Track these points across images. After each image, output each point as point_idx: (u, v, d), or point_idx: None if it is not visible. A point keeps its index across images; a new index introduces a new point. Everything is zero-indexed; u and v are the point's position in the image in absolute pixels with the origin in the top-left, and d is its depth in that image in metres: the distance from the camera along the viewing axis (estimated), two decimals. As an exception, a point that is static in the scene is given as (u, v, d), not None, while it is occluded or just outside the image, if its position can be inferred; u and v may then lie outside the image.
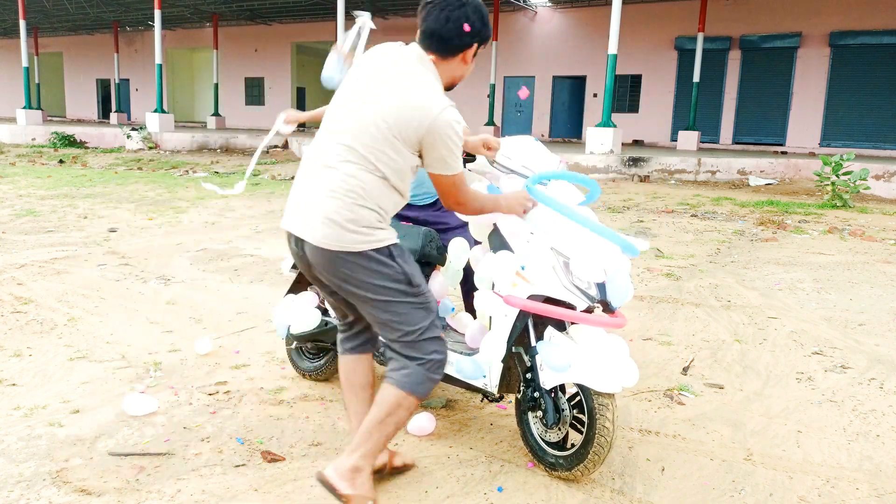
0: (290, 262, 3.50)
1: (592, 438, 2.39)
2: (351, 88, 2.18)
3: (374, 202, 2.08)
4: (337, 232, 2.05)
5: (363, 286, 2.12)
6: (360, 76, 2.17)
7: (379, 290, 2.12)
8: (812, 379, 3.62)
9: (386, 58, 2.16)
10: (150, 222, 7.93)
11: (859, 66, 18.67)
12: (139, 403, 3.00)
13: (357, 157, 2.07)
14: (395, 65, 2.13)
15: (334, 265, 2.10)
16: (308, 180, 2.15)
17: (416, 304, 2.18)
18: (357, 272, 2.10)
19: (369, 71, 2.16)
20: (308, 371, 3.42)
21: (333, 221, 2.05)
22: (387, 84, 2.10)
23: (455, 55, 2.16)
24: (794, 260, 6.57)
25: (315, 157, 2.17)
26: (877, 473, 2.67)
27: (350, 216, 2.05)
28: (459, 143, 2.10)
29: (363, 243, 2.08)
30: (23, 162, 15.89)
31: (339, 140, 2.11)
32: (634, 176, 14.09)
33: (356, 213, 2.06)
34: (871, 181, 11.51)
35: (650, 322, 4.53)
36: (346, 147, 2.09)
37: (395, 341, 2.22)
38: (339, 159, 2.09)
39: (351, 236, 2.06)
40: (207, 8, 26.49)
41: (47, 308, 4.48)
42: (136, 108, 32.51)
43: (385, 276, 2.12)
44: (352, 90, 2.17)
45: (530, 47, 23.80)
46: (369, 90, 2.12)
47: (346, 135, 2.10)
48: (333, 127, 2.16)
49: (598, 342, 2.43)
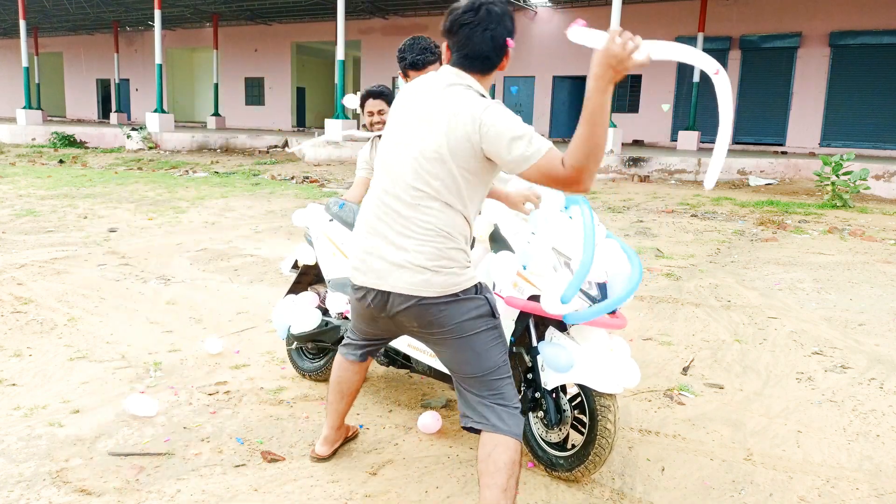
0: (290, 262, 3.50)
1: (594, 440, 2.39)
2: (401, 128, 2.05)
3: (459, 240, 1.99)
4: (428, 277, 1.96)
5: (452, 326, 2.02)
6: (406, 115, 2.05)
7: (466, 325, 2.02)
8: (812, 379, 3.62)
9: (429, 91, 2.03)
10: (150, 222, 7.93)
11: (859, 66, 18.66)
12: (140, 404, 2.99)
13: (430, 196, 1.95)
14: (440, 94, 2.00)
15: (425, 312, 2.00)
16: (381, 227, 2.02)
17: (497, 337, 2.08)
18: (448, 313, 2.00)
19: (415, 108, 2.04)
20: (308, 371, 3.42)
21: (424, 268, 1.95)
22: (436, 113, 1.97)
23: (495, 69, 2.06)
24: (794, 260, 6.56)
25: (382, 203, 2.04)
26: (877, 473, 2.67)
27: (441, 260, 1.96)
28: (521, 122, 1.91)
29: (456, 285, 1.99)
30: (23, 162, 15.89)
31: (405, 182, 1.98)
32: (634, 176, 14.08)
33: (446, 255, 1.96)
34: (871, 181, 11.51)
35: (650, 322, 4.53)
36: (415, 188, 1.97)
37: (475, 382, 2.07)
38: (412, 201, 1.97)
39: (443, 279, 1.96)
40: (207, 8, 26.48)
41: (47, 308, 4.48)
42: (136, 108, 32.50)
43: (473, 310, 2.03)
44: (402, 130, 2.04)
45: (530, 47, 23.79)
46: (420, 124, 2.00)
47: (411, 175, 1.98)
48: (396, 170, 2.02)
49: (600, 343, 2.43)
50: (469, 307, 2.02)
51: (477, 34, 1.96)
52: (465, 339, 2.03)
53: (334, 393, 2.56)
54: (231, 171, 14.58)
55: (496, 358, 2.06)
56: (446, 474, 2.57)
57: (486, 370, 2.04)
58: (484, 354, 2.04)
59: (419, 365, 2.92)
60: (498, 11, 1.98)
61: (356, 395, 2.59)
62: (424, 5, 24.27)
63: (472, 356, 2.04)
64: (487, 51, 1.97)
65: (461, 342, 2.03)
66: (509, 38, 1.99)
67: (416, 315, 2.02)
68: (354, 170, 15.82)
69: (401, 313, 2.04)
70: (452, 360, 2.09)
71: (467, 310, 2.02)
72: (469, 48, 1.98)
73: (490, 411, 2.04)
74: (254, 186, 11.84)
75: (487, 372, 2.04)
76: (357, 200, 3.28)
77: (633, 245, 7.00)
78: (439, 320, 2.01)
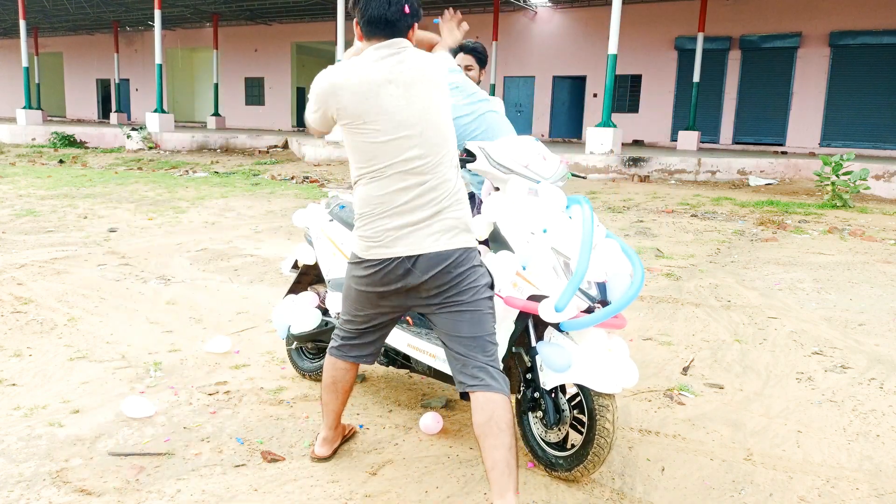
0: (290, 262, 3.50)
1: (593, 439, 2.39)
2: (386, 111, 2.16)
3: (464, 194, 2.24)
4: (458, 236, 2.19)
5: (468, 289, 2.20)
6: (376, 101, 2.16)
7: (479, 290, 2.22)
8: (812, 379, 3.62)
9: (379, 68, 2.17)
10: (150, 222, 7.93)
11: (859, 66, 18.66)
12: (137, 406, 2.99)
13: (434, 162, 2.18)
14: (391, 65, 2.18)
15: (451, 270, 2.18)
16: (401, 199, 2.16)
17: (492, 306, 2.29)
18: (468, 274, 2.21)
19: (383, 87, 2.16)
20: (308, 371, 3.42)
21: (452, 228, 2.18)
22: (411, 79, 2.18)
23: (404, 36, 2.23)
24: (794, 260, 6.57)
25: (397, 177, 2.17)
26: (877, 473, 2.67)
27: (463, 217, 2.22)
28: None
29: (472, 242, 2.24)
30: (23, 162, 15.89)
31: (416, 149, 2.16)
32: (634, 176, 14.08)
33: (465, 212, 2.23)
34: (871, 181, 11.50)
35: (650, 322, 4.53)
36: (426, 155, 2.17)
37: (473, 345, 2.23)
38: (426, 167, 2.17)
39: (465, 236, 2.22)
40: (207, 8, 26.48)
41: (47, 308, 4.48)
42: (136, 108, 32.51)
43: (482, 277, 2.26)
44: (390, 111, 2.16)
45: (530, 47, 23.79)
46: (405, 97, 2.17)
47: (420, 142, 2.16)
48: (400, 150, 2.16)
49: (598, 343, 2.43)
50: (480, 272, 2.25)
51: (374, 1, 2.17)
52: (472, 305, 2.22)
53: (329, 393, 2.58)
54: (231, 171, 14.59)
55: (492, 323, 2.27)
56: (446, 474, 2.57)
57: (485, 334, 2.24)
58: (484, 319, 2.24)
59: (419, 365, 2.92)
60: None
61: (350, 393, 2.62)
62: (424, 5, 24.01)
63: (476, 320, 2.22)
64: (385, 13, 2.16)
65: (469, 307, 2.22)
66: (406, 5, 2.18)
67: (440, 278, 2.18)
68: (354, 170, 15.63)
69: (424, 280, 2.19)
70: (457, 323, 2.24)
71: (480, 275, 2.24)
72: (369, 13, 2.17)
73: (484, 372, 2.21)
74: (254, 186, 11.84)
75: (485, 335, 2.24)
76: None
77: (633, 245, 7.01)
78: (458, 283, 2.19)
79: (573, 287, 2.29)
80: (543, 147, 2.69)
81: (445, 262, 2.16)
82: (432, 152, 2.17)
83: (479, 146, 2.64)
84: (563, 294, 2.29)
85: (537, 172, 2.58)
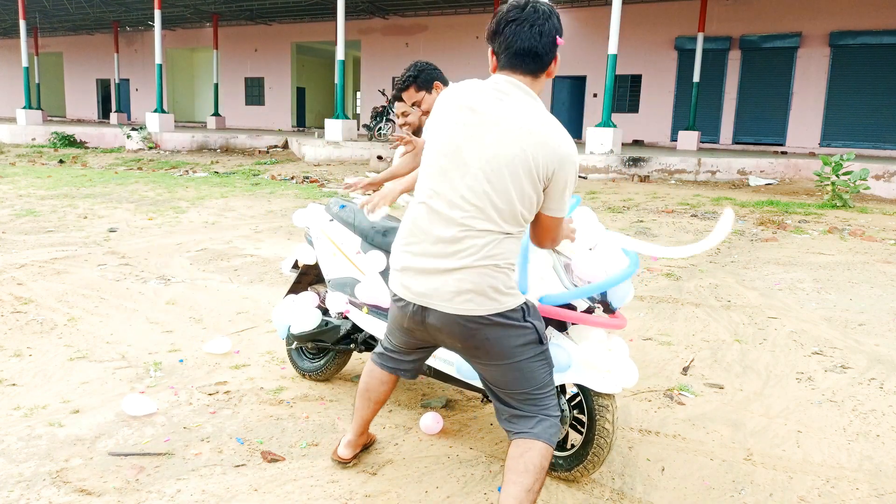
0: (291, 262, 3.50)
1: (592, 439, 2.39)
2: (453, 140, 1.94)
3: (507, 262, 1.93)
4: (475, 299, 1.91)
5: (498, 350, 1.99)
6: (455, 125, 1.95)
7: (514, 351, 2.00)
8: (812, 379, 3.62)
9: (480, 98, 1.94)
10: (150, 222, 7.93)
11: (859, 66, 18.66)
12: (138, 404, 3.00)
13: (485, 216, 1.89)
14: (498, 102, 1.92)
15: (471, 332, 1.96)
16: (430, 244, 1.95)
17: (544, 362, 2.07)
18: (494, 336, 1.97)
19: (466, 117, 1.93)
20: (308, 371, 3.42)
21: (470, 290, 1.91)
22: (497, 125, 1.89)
23: (545, 71, 1.98)
24: (794, 260, 6.56)
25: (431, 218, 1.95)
26: (877, 473, 2.67)
27: (489, 282, 1.91)
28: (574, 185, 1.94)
29: (503, 306, 1.95)
30: (23, 162, 15.89)
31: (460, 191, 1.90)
32: (634, 176, 14.08)
33: (494, 278, 1.91)
34: (871, 181, 11.50)
35: (650, 322, 4.53)
36: (471, 202, 1.89)
37: (516, 398, 2.07)
38: (464, 214, 1.89)
39: (491, 303, 1.93)
40: (207, 8, 26.47)
41: (47, 308, 4.48)
42: (136, 108, 32.50)
43: (520, 336, 2.00)
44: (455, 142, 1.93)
45: (530, 47, 23.76)
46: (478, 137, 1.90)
47: (466, 192, 1.89)
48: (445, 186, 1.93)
49: (598, 343, 2.43)
50: (515, 334, 1.99)
51: (524, 29, 1.90)
52: (510, 365, 2.01)
53: (362, 399, 2.48)
54: (231, 171, 14.58)
55: (542, 378, 2.06)
56: (446, 474, 2.57)
57: (531, 388, 2.04)
58: (530, 376, 2.03)
59: (419, 365, 2.92)
60: (545, 9, 1.93)
61: (383, 404, 2.50)
62: (424, 5, 24.26)
63: (519, 377, 2.03)
64: (536, 45, 1.90)
65: (506, 367, 2.02)
66: (558, 35, 1.93)
67: (460, 337, 1.99)
68: (354, 170, 15.63)
69: (443, 332, 2.01)
70: (496, 379, 2.08)
71: (514, 337, 1.98)
72: (517, 44, 1.91)
73: (531, 421, 2.05)
74: (254, 186, 11.84)
75: (532, 390, 2.04)
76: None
77: (633, 245, 7.00)
78: (484, 346, 1.99)
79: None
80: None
81: (463, 325, 1.95)
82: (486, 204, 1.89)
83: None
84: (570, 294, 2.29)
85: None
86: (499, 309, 1.93)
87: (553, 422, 2.06)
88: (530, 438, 2.02)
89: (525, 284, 2.31)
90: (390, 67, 25.98)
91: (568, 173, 1.91)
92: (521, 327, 1.99)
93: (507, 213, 1.89)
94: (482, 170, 1.88)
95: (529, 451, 2.00)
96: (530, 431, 2.03)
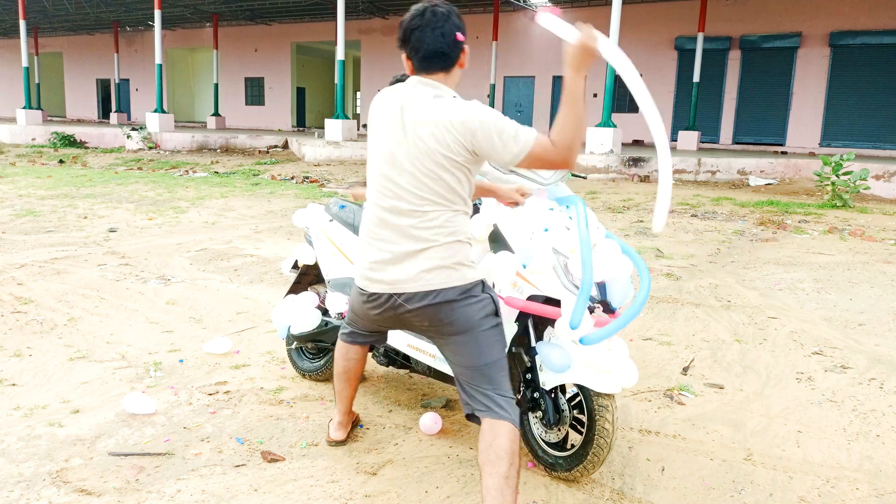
0: (291, 262, 3.50)
1: (592, 439, 2.39)
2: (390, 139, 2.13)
3: (465, 236, 2.14)
4: (442, 273, 2.09)
5: (462, 322, 2.13)
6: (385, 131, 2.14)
7: (476, 322, 2.14)
8: (812, 379, 3.62)
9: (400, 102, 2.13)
10: (150, 222, 7.93)
11: (859, 66, 18.66)
12: (138, 403, 3.00)
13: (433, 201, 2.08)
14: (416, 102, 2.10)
15: (438, 311, 2.12)
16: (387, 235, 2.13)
17: (498, 334, 2.20)
18: (459, 312, 2.12)
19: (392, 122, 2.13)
20: (308, 371, 3.42)
21: (437, 266, 2.08)
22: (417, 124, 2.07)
23: (455, 64, 2.17)
24: (794, 260, 6.56)
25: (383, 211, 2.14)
26: (877, 473, 2.67)
27: (452, 256, 2.10)
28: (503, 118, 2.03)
29: (466, 278, 2.12)
30: (23, 162, 15.89)
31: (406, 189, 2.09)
32: (634, 176, 14.08)
33: (457, 251, 2.11)
34: (871, 181, 11.50)
35: (650, 322, 4.53)
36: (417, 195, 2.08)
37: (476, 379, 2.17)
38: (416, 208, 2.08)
39: (456, 276, 2.11)
40: (207, 8, 26.48)
41: (47, 308, 4.48)
42: (136, 108, 32.51)
43: (482, 309, 2.15)
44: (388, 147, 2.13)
45: (530, 47, 23.79)
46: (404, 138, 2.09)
47: (412, 183, 2.08)
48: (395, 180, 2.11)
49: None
50: (477, 307, 2.15)
51: (427, 34, 2.09)
52: (470, 336, 2.15)
53: (342, 381, 2.69)
54: (231, 171, 14.58)
55: (496, 353, 2.19)
56: (446, 474, 2.57)
57: (486, 363, 2.16)
58: (486, 350, 2.16)
59: (419, 365, 2.92)
60: (443, 11, 2.11)
61: (360, 379, 2.76)
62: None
63: (476, 351, 2.16)
64: (441, 46, 2.10)
65: (467, 338, 2.16)
66: (458, 32, 2.12)
67: (430, 314, 2.14)
68: (354, 170, 15.64)
69: (413, 313, 2.16)
70: (456, 353, 2.21)
71: (476, 310, 2.15)
72: (424, 48, 2.10)
73: (489, 400, 2.15)
74: (254, 186, 11.84)
75: (487, 365, 2.16)
76: None
77: (632, 245, 7.01)
78: (451, 318, 2.14)
79: (583, 302, 2.28)
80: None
81: (434, 301, 2.11)
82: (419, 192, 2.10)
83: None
84: (576, 310, 2.28)
85: (537, 173, 2.58)
86: (463, 281, 2.12)
87: (510, 401, 2.16)
88: (492, 418, 2.12)
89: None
90: (390, 67, 25.95)
91: (482, 127, 2.01)
92: (482, 299, 2.17)
93: (448, 193, 2.09)
94: (413, 165, 2.08)
95: (497, 439, 2.09)
96: (491, 410, 2.14)
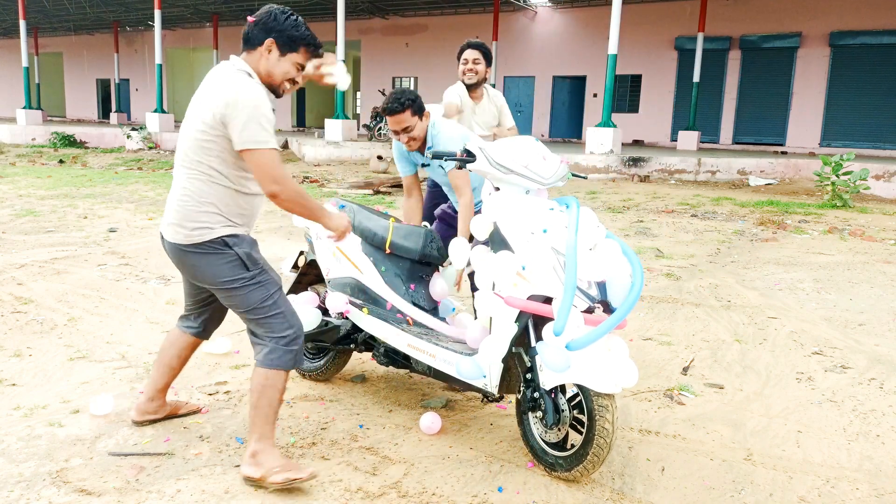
0: (291, 262, 3.50)
1: (592, 439, 2.39)
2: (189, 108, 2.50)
3: (207, 202, 2.42)
4: (178, 230, 2.46)
5: (207, 276, 2.47)
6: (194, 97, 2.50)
7: (218, 276, 2.45)
8: (812, 379, 3.62)
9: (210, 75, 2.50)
10: (150, 222, 7.93)
11: (859, 66, 18.66)
12: (102, 404, 2.94)
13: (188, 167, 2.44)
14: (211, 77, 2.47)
15: (182, 259, 2.50)
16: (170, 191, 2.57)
17: (253, 284, 2.46)
18: (199, 263, 2.46)
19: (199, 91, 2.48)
20: (308, 371, 3.42)
21: (176, 223, 2.46)
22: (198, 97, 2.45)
23: (255, 47, 2.49)
24: (794, 260, 6.57)
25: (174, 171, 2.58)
26: (877, 473, 2.67)
27: (185, 217, 2.43)
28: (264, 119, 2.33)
29: (196, 237, 2.43)
30: (23, 162, 15.89)
31: (178, 156, 2.50)
32: (634, 176, 14.08)
33: (189, 214, 2.43)
34: (871, 181, 11.50)
35: (650, 322, 4.53)
36: (181, 161, 2.47)
37: (248, 322, 2.53)
38: (178, 171, 2.49)
39: (187, 233, 2.44)
40: (207, 8, 26.48)
41: (47, 308, 4.48)
42: (136, 108, 32.49)
43: (223, 264, 2.44)
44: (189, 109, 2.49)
45: (530, 47, 23.79)
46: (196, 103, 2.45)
47: (180, 151, 2.48)
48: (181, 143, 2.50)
49: (598, 342, 2.43)
50: (217, 259, 2.44)
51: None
52: (221, 285, 2.47)
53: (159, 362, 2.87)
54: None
55: (255, 300, 2.46)
56: (446, 474, 2.57)
57: (248, 308, 2.47)
58: (244, 297, 2.46)
59: (419, 365, 2.93)
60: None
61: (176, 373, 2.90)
62: (424, 5, 24.28)
63: (237, 300, 2.49)
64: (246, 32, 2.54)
65: (221, 290, 2.50)
66: (249, 16, 2.54)
67: (177, 261, 2.54)
68: (354, 170, 15.56)
69: (173, 259, 2.56)
70: (226, 304, 2.58)
71: (216, 262, 2.44)
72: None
73: (262, 349, 2.48)
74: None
75: (249, 310, 2.47)
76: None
77: (632, 245, 7.01)
78: (192, 267, 2.50)
79: (566, 310, 2.29)
80: (543, 147, 2.68)
81: (175, 253, 2.51)
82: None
83: (479, 146, 2.65)
84: (558, 319, 2.29)
85: (537, 172, 2.57)
86: (192, 240, 2.43)
87: (275, 346, 2.46)
88: (256, 366, 2.48)
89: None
90: (390, 67, 26.00)
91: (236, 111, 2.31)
92: (221, 254, 2.44)
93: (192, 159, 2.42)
94: (183, 131, 2.47)
95: (253, 377, 2.47)
96: (257, 359, 2.49)
